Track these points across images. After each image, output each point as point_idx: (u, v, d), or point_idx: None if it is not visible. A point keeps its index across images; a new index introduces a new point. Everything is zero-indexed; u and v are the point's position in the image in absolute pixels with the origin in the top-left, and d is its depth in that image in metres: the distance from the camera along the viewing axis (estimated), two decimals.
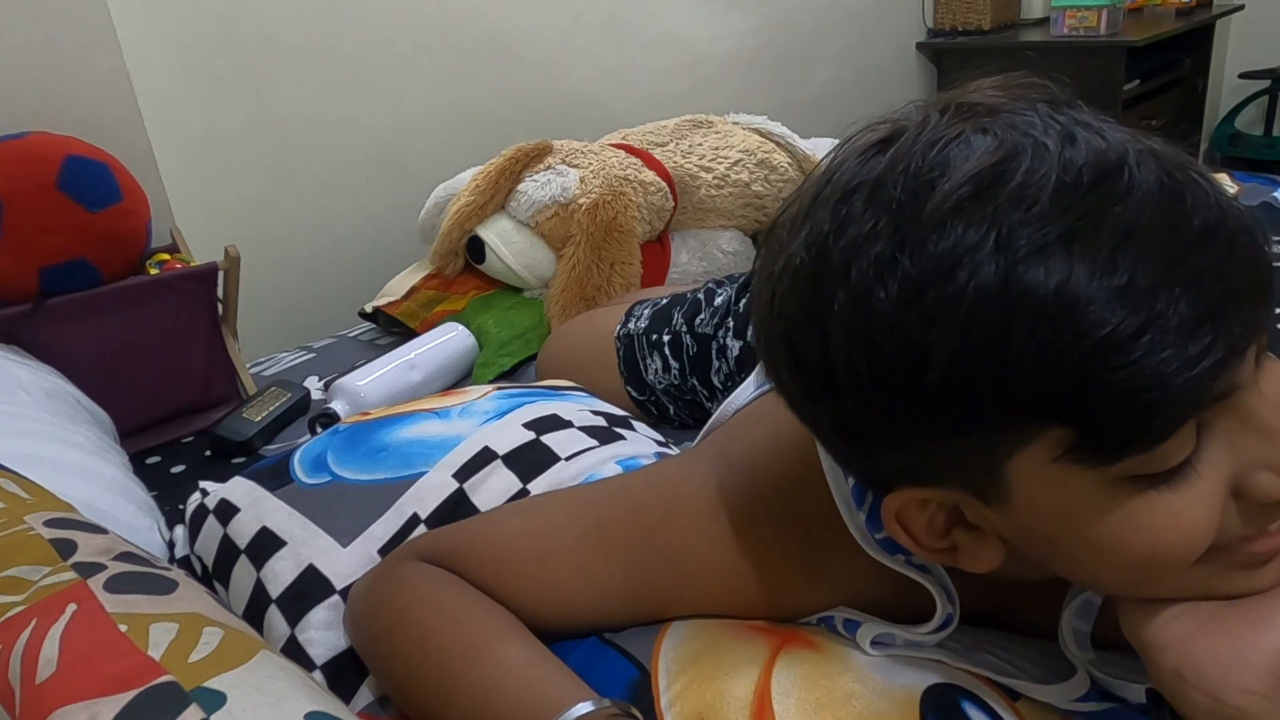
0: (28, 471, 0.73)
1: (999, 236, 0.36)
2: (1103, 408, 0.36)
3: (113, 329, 1.17)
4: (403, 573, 0.61)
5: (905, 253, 0.38)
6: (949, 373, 0.38)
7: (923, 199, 0.38)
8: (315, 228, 1.76)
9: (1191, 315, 0.36)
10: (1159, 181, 0.37)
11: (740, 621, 0.59)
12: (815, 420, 0.46)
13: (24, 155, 1.11)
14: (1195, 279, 0.36)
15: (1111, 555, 0.42)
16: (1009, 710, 0.53)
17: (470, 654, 0.55)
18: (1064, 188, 0.37)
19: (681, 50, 2.23)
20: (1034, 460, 0.40)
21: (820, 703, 0.52)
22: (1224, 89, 3.27)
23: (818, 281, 0.41)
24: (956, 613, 0.55)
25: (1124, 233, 0.36)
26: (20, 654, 0.47)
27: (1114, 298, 0.35)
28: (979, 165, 0.38)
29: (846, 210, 0.40)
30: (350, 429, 0.83)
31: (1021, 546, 0.45)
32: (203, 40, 1.55)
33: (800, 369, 0.43)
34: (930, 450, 0.42)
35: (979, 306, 0.36)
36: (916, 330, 0.38)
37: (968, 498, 0.44)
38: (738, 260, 1.56)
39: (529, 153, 1.47)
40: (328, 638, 0.66)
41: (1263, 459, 0.40)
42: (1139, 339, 0.35)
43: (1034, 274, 0.36)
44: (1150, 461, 0.38)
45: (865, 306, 0.39)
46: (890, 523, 0.47)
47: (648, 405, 1.09)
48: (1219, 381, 0.37)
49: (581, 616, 0.60)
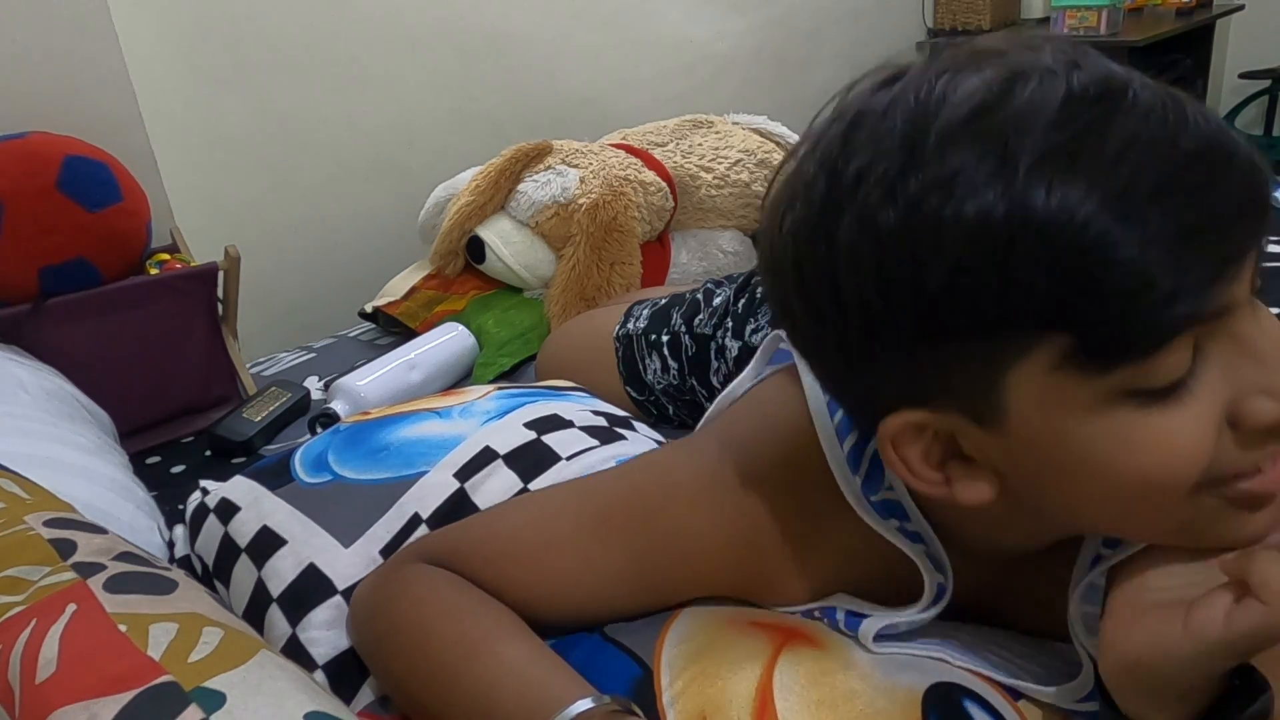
0: (28, 471, 0.73)
1: (1005, 149, 0.37)
2: (1099, 311, 0.37)
3: (113, 329, 1.17)
4: (404, 574, 0.61)
5: (913, 169, 0.39)
6: (952, 279, 0.38)
7: (928, 122, 0.39)
8: (315, 227, 1.76)
9: (1189, 224, 0.37)
10: (1161, 101, 0.38)
11: (742, 618, 0.59)
12: (820, 350, 0.47)
13: (24, 155, 1.11)
14: (1194, 189, 0.37)
15: (1104, 477, 0.42)
16: (1011, 710, 0.53)
17: (472, 652, 0.55)
18: (1070, 100, 0.38)
19: (681, 50, 2.23)
20: (1032, 372, 0.40)
21: (822, 701, 0.52)
22: (1224, 89, 3.27)
23: (826, 206, 0.42)
24: (949, 583, 0.55)
25: (1126, 142, 0.37)
26: (20, 654, 0.47)
27: (1113, 204, 0.36)
28: (987, 85, 0.39)
29: (855, 136, 0.41)
30: (351, 428, 0.83)
31: (1015, 478, 0.46)
32: (203, 40, 1.55)
33: (807, 290, 0.44)
34: (931, 363, 0.42)
35: (981, 222, 0.37)
36: (922, 239, 0.39)
37: (964, 423, 0.44)
38: (738, 260, 1.56)
39: (529, 153, 1.47)
40: (330, 637, 0.66)
41: (1258, 384, 0.40)
42: (1136, 243, 0.36)
43: (1037, 182, 0.37)
44: (1145, 374, 0.39)
45: (871, 229, 0.40)
46: (885, 449, 0.47)
47: (647, 405, 1.09)
48: (1213, 293, 0.38)
49: (584, 605, 0.60)
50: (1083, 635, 0.52)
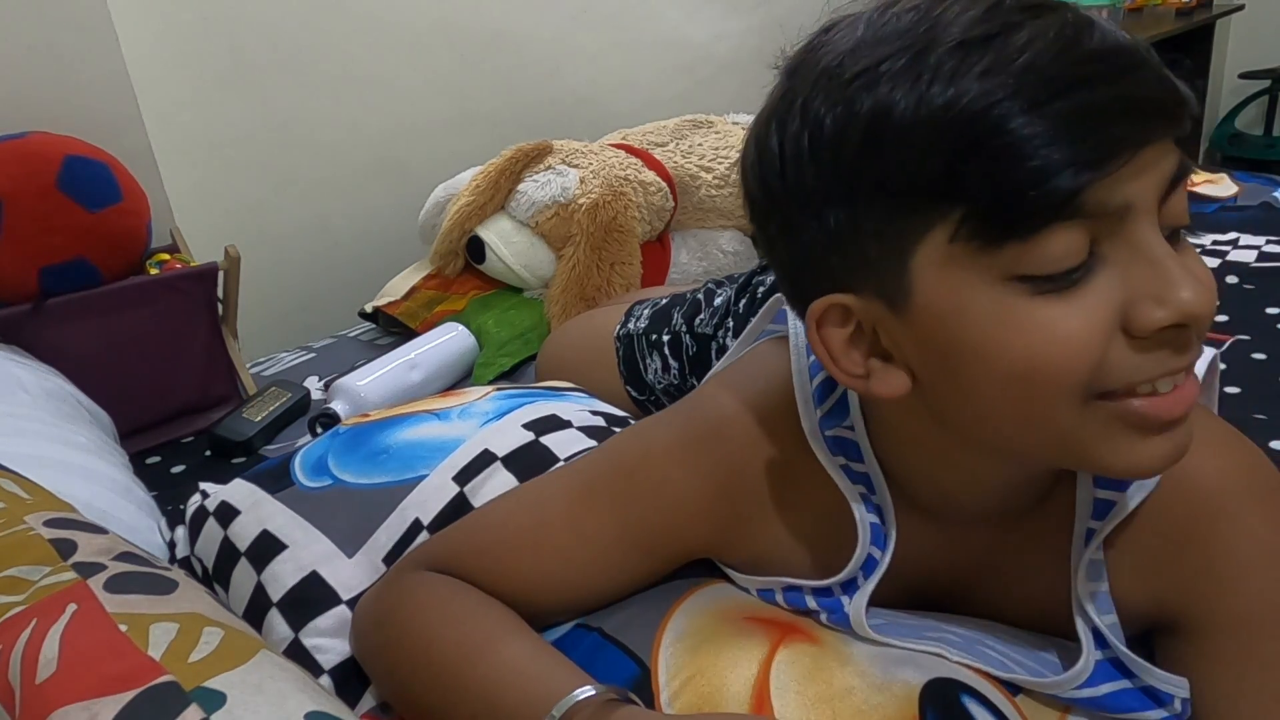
0: (28, 471, 0.73)
1: (924, 44, 0.41)
2: (986, 185, 0.40)
3: (113, 329, 1.17)
4: (404, 584, 0.62)
5: (851, 61, 0.43)
6: (864, 143, 0.42)
7: (880, 24, 0.44)
8: (315, 228, 1.76)
9: (1080, 109, 0.39)
10: (1090, 18, 0.42)
11: (738, 614, 0.59)
12: (767, 224, 0.50)
13: (24, 155, 1.11)
14: (1087, 81, 0.40)
15: (995, 364, 0.43)
16: (1009, 705, 0.53)
17: (474, 654, 0.55)
18: (996, 7, 0.42)
19: (681, 50, 2.23)
20: (933, 246, 0.43)
21: (819, 697, 0.52)
22: (1224, 89, 3.27)
23: (788, 89, 0.47)
24: (890, 532, 0.56)
25: (1032, 38, 0.40)
26: (20, 654, 0.47)
27: (1012, 78, 0.39)
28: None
29: (836, 27, 0.47)
30: (351, 431, 0.83)
31: (923, 372, 0.47)
32: (203, 40, 1.55)
33: (763, 163, 0.48)
34: (850, 233, 0.45)
35: (899, 81, 0.41)
36: (850, 105, 0.43)
37: (882, 310, 0.46)
38: (738, 260, 1.56)
39: (529, 153, 1.47)
40: (336, 644, 0.67)
41: (1151, 291, 0.42)
42: (1024, 115, 0.39)
43: (945, 65, 0.40)
44: (1032, 258, 0.41)
45: (820, 88, 0.44)
46: (811, 330, 0.49)
47: (647, 405, 1.09)
48: (1095, 186, 0.39)
49: (581, 582, 0.61)
50: (1095, 614, 0.52)
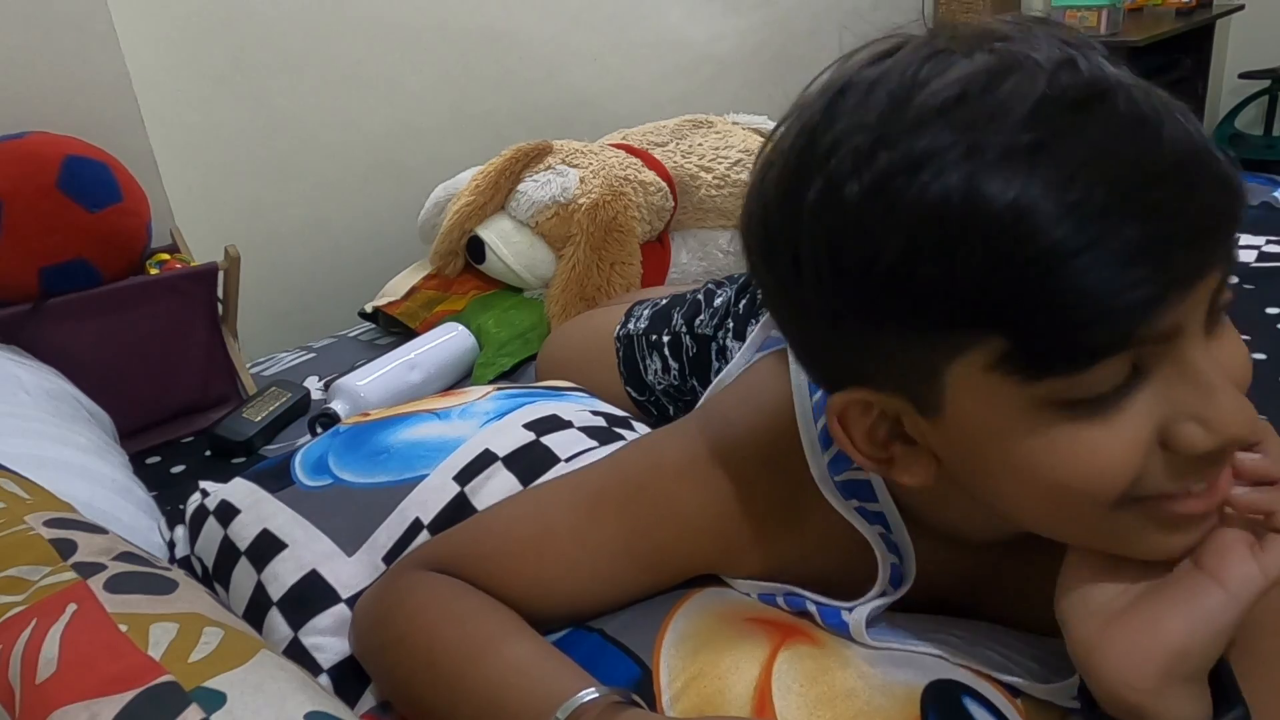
0: (28, 471, 0.73)
1: (971, 141, 0.37)
2: (1035, 320, 0.37)
3: (113, 329, 1.17)
4: (406, 583, 0.62)
5: (883, 147, 0.39)
6: (899, 266, 0.39)
7: (910, 100, 0.39)
8: (315, 227, 1.76)
9: (1137, 244, 0.36)
10: (1141, 114, 0.38)
11: (740, 616, 0.59)
12: (780, 307, 0.48)
13: (24, 155, 1.11)
14: (1150, 210, 0.36)
15: (1030, 481, 0.42)
16: (1010, 707, 0.53)
17: (477, 654, 0.55)
18: (1045, 102, 0.37)
19: (681, 50, 2.23)
20: (969, 368, 0.40)
21: (821, 699, 0.52)
22: (1224, 89, 3.27)
23: (799, 168, 0.42)
24: (908, 569, 0.55)
25: (1090, 152, 0.37)
26: (20, 654, 0.47)
27: (1063, 212, 0.36)
28: (971, 73, 0.39)
29: (839, 105, 0.42)
30: (351, 430, 0.83)
31: (953, 465, 0.46)
32: (203, 40, 1.55)
33: (771, 252, 0.45)
34: (877, 346, 0.43)
35: (937, 205, 0.37)
36: (875, 222, 0.39)
37: (907, 406, 0.45)
38: (738, 260, 1.54)
39: (529, 153, 1.47)
40: (335, 643, 0.67)
41: (1194, 411, 0.40)
42: (1079, 255, 0.36)
43: (994, 181, 0.37)
44: (1076, 386, 0.39)
45: (837, 195, 0.40)
46: (832, 421, 0.47)
47: (647, 406, 1.09)
48: (1153, 316, 0.37)
49: (583, 591, 0.60)
50: None
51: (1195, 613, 0.43)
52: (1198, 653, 0.43)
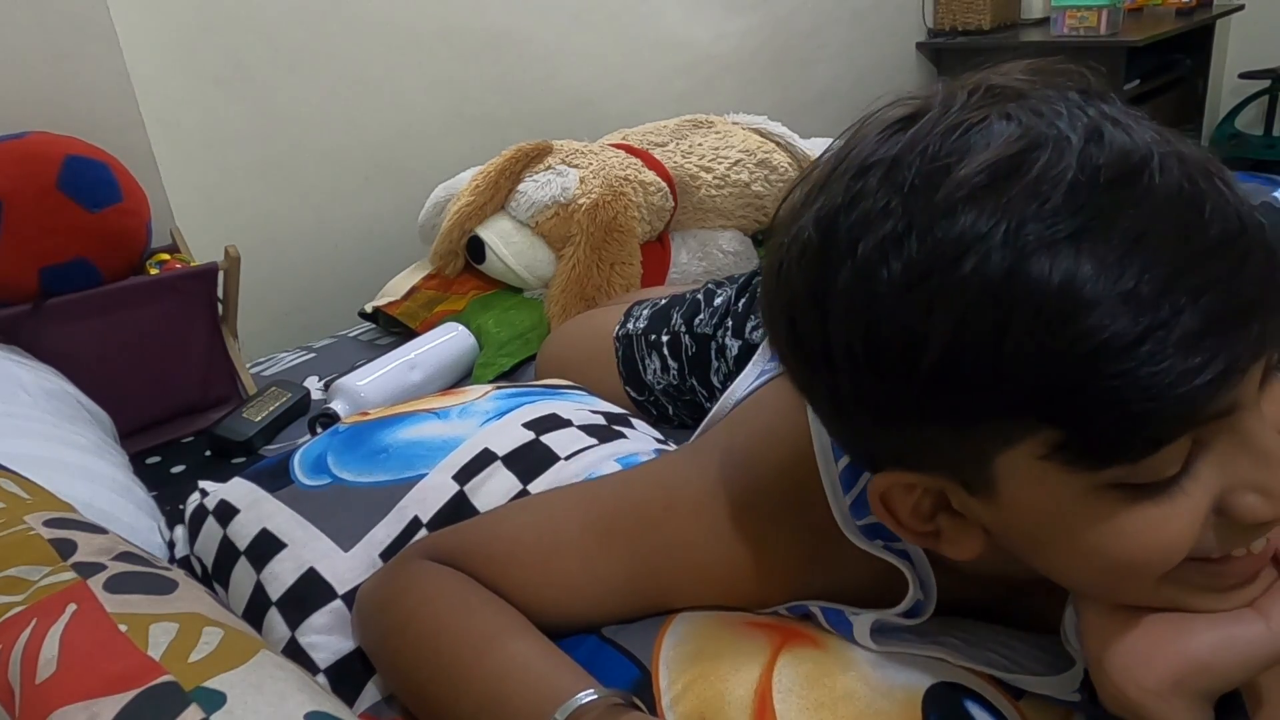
0: (28, 471, 0.73)
1: (1008, 229, 0.36)
2: (1093, 413, 0.36)
3: (113, 329, 1.17)
4: (412, 571, 0.62)
5: (913, 235, 0.37)
6: (943, 362, 0.37)
7: (937, 183, 0.37)
8: (315, 227, 1.76)
9: (1194, 328, 0.35)
10: (1179, 186, 0.36)
11: (741, 618, 0.59)
12: (811, 394, 0.46)
13: (24, 155, 1.11)
14: (1202, 290, 0.35)
15: (1090, 560, 0.42)
16: (1012, 709, 0.53)
17: (481, 647, 0.55)
18: (1080, 185, 0.36)
19: (681, 50, 2.23)
20: (1022, 458, 0.39)
21: (821, 702, 0.52)
22: (1224, 89, 3.27)
23: (824, 255, 0.40)
24: (930, 603, 0.55)
25: (1135, 236, 0.35)
26: (20, 654, 0.47)
27: (1116, 302, 0.34)
28: (997, 154, 0.37)
29: (860, 186, 0.40)
30: (350, 430, 0.83)
31: (1004, 540, 0.45)
32: (203, 40, 1.55)
33: (799, 342, 0.43)
34: (920, 437, 0.41)
35: (980, 298, 0.36)
36: (915, 315, 0.37)
37: (954, 487, 0.44)
38: (738, 260, 1.56)
39: (529, 153, 1.47)
40: (330, 641, 0.66)
41: (1253, 481, 0.39)
42: (1137, 347, 0.34)
43: (1038, 270, 0.35)
44: (1137, 472, 0.38)
45: (867, 286, 0.38)
46: (875, 503, 0.46)
47: (647, 405, 1.09)
48: (1216, 399, 0.36)
49: (586, 609, 0.60)
50: (1074, 640, 0.52)
51: (1229, 634, 0.43)
52: (1218, 672, 0.43)
